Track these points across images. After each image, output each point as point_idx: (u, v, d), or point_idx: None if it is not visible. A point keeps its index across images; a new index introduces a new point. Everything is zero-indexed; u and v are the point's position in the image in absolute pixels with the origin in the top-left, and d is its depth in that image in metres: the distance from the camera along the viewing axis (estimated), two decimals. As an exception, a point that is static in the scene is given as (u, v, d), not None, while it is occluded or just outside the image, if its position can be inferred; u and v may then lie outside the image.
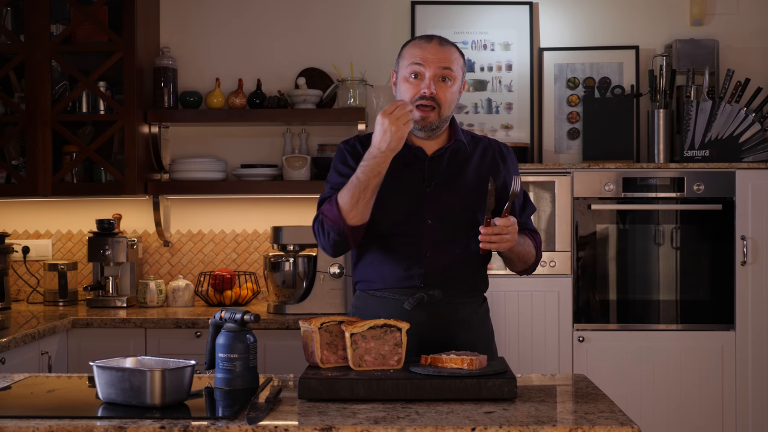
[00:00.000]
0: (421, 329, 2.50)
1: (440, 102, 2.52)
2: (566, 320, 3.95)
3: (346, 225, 2.48)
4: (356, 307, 2.66)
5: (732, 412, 3.92)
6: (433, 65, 2.51)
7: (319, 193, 4.21)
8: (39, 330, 3.49)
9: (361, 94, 4.31)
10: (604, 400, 2.14)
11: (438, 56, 2.51)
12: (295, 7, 4.50)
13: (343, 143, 2.68)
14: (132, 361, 2.17)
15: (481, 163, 2.62)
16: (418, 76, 2.52)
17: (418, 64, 2.52)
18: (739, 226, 3.94)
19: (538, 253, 2.68)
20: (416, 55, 2.53)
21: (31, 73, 4.11)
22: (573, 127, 4.39)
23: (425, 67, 2.51)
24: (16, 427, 1.89)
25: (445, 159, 2.59)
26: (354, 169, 2.50)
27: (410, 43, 2.59)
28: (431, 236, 2.55)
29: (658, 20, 4.45)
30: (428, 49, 2.52)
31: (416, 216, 2.55)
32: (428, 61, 2.51)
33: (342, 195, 2.48)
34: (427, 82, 2.51)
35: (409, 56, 2.54)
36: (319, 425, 1.89)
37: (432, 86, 2.50)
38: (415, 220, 2.55)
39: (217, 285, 4.25)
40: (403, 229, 2.55)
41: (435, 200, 2.55)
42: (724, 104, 4.10)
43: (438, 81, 2.51)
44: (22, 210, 4.52)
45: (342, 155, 2.65)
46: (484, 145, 2.67)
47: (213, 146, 4.50)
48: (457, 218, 2.56)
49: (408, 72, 2.53)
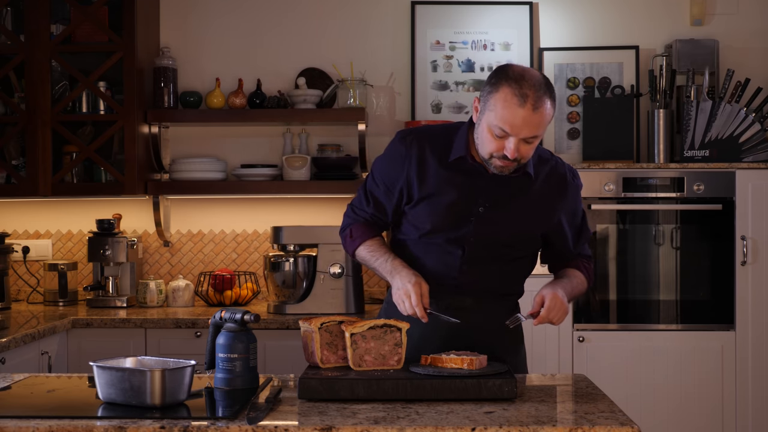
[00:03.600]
0: (449, 332, 2.47)
1: (521, 159, 2.37)
2: (566, 320, 3.94)
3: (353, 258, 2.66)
4: (387, 302, 2.64)
5: (732, 412, 3.92)
6: (522, 133, 2.30)
7: (319, 193, 4.25)
8: (39, 330, 3.49)
9: (361, 94, 4.31)
10: (604, 400, 2.14)
11: (528, 125, 2.29)
12: (295, 7, 4.50)
13: (401, 137, 2.54)
14: (132, 361, 2.16)
15: (541, 193, 2.50)
16: (502, 137, 2.33)
17: (504, 131, 2.31)
18: (739, 226, 3.94)
19: (589, 283, 2.62)
20: (506, 119, 2.29)
21: (31, 73, 4.11)
22: (573, 127, 4.39)
23: (512, 134, 2.31)
24: (16, 427, 1.89)
25: (505, 181, 2.46)
26: (404, 172, 2.49)
27: (502, 89, 2.30)
28: (471, 254, 2.50)
29: (658, 20, 4.45)
30: (520, 115, 2.28)
31: (461, 232, 2.49)
32: (517, 129, 2.30)
33: (361, 252, 2.59)
34: (511, 147, 2.32)
35: (497, 113, 2.31)
36: (319, 425, 1.89)
37: (516, 152, 2.33)
38: (458, 236, 2.49)
39: (217, 285, 4.25)
40: (445, 241, 2.51)
41: (483, 221, 2.48)
42: (724, 104, 4.10)
43: (523, 143, 2.34)
44: (22, 210, 4.52)
45: (398, 157, 2.52)
46: (548, 168, 2.53)
47: (213, 146, 4.50)
48: (501, 241, 2.50)
49: (493, 128, 2.33)
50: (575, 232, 2.61)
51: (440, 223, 2.50)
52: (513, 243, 2.53)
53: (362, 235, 2.59)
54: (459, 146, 2.47)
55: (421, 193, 2.50)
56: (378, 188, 2.57)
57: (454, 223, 2.49)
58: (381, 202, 2.57)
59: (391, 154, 2.55)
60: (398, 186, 2.52)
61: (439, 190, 2.48)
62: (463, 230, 2.49)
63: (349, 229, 2.62)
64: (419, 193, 2.50)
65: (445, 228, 2.50)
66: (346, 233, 2.63)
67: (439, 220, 2.50)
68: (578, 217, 2.61)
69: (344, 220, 2.67)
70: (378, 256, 2.53)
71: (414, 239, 2.55)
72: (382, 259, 2.52)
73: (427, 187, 2.49)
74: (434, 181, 2.48)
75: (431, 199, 2.49)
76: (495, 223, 2.48)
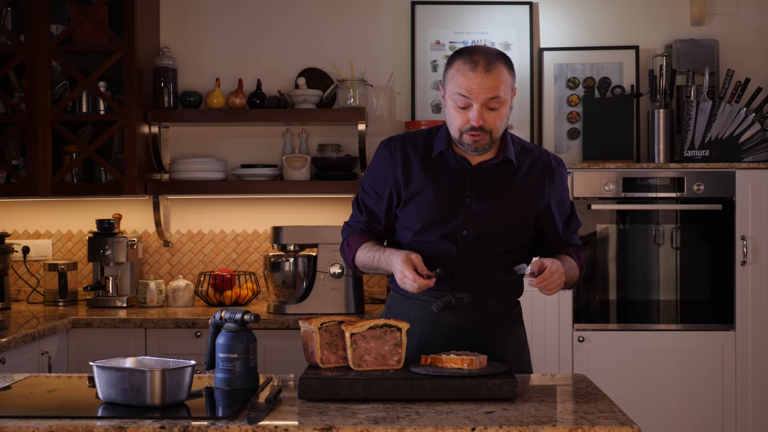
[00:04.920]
0: (449, 330, 2.49)
1: (490, 128, 2.42)
2: (566, 320, 3.95)
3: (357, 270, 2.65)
4: (389, 307, 2.66)
5: (732, 412, 3.92)
6: (480, 96, 2.38)
7: (319, 193, 4.26)
8: (39, 330, 3.49)
9: (361, 94, 4.31)
10: (604, 400, 2.14)
11: (484, 86, 2.38)
12: (295, 7, 4.50)
13: (385, 144, 2.61)
14: (132, 361, 2.16)
15: (526, 179, 2.54)
16: (465, 107, 2.41)
17: (463, 96, 2.40)
18: (739, 226, 3.94)
19: (581, 271, 2.63)
20: (461, 85, 2.39)
21: (31, 73, 4.11)
22: (573, 127, 4.39)
23: (471, 98, 2.39)
24: (16, 427, 1.89)
25: (489, 171, 2.52)
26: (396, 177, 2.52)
27: (455, 62, 2.43)
28: (465, 247, 2.51)
29: (658, 20, 4.45)
30: (473, 78, 2.38)
31: (452, 225, 2.51)
32: (474, 93, 2.38)
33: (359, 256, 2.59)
34: (474, 114, 2.39)
35: (454, 83, 2.41)
36: (319, 425, 1.89)
37: (480, 118, 2.40)
38: (450, 230, 2.51)
39: (217, 285, 4.25)
40: (438, 237, 2.52)
41: (473, 212, 2.50)
42: (724, 104, 4.10)
43: (486, 110, 2.40)
44: (22, 210, 4.52)
45: (384, 161, 2.58)
46: (533, 158, 2.57)
47: (213, 146, 4.50)
48: (493, 232, 2.51)
49: (454, 100, 2.42)
50: (564, 220, 2.63)
51: (429, 219, 2.52)
52: (505, 233, 2.53)
53: (358, 241, 2.60)
54: (440, 142, 2.53)
55: (407, 193, 2.53)
56: (369, 197, 2.61)
57: (444, 217, 2.51)
58: (373, 210, 2.61)
59: (377, 161, 2.61)
60: (387, 189, 2.56)
61: (424, 187, 2.51)
62: (454, 223, 2.50)
63: (346, 240, 2.65)
64: (406, 192, 2.54)
65: (435, 223, 2.51)
66: (344, 244, 2.66)
67: (427, 216, 2.52)
68: (566, 205, 2.63)
69: (342, 236, 2.69)
70: (374, 253, 2.55)
71: (408, 241, 2.57)
72: (378, 254, 2.53)
73: (413, 185, 2.53)
74: (420, 178, 2.53)
75: (418, 196, 2.52)
76: (484, 213, 2.50)
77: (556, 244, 2.63)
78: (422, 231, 2.53)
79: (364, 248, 2.58)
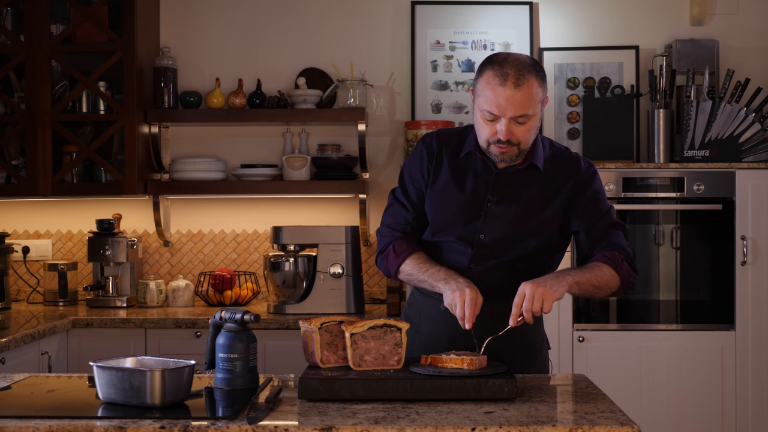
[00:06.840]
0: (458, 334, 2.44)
1: (518, 141, 2.39)
2: (566, 320, 3.95)
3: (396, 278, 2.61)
4: (409, 303, 2.70)
5: (732, 412, 3.92)
6: (508, 113, 2.34)
7: (319, 193, 4.26)
8: (39, 330, 3.49)
9: (361, 94, 4.31)
10: (604, 400, 2.14)
11: (513, 102, 2.33)
12: (295, 7, 4.50)
13: (421, 140, 2.59)
14: (132, 361, 2.16)
15: (551, 184, 2.50)
16: (493, 120, 2.37)
17: (492, 113, 2.36)
18: (739, 226, 3.94)
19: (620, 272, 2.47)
20: (490, 100, 2.34)
21: (31, 73, 4.11)
22: (573, 127, 4.39)
23: (500, 114, 2.35)
24: (16, 427, 1.89)
25: (512, 176, 2.49)
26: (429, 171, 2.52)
27: (485, 72, 2.37)
28: (481, 250, 2.50)
29: (658, 20, 4.45)
30: (502, 94, 2.32)
31: (471, 228, 2.49)
32: (503, 109, 2.34)
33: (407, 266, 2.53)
34: (502, 128, 2.36)
35: (483, 97, 2.37)
36: (319, 425, 1.89)
37: (508, 133, 2.36)
38: (469, 232, 2.50)
39: (217, 285, 4.25)
40: (456, 238, 2.51)
41: (493, 216, 2.49)
42: (724, 104, 4.10)
43: (514, 124, 2.36)
44: (22, 210, 4.52)
45: (419, 155, 2.57)
46: (561, 162, 2.53)
47: (213, 146, 4.50)
48: (511, 236, 2.49)
49: (483, 112, 2.38)
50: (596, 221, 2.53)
51: (449, 220, 2.52)
52: (522, 237, 2.50)
53: (407, 250, 2.55)
54: (469, 143, 2.53)
55: (433, 189, 2.54)
56: (411, 192, 2.58)
57: (464, 219, 2.50)
58: (417, 205, 2.58)
59: (414, 155, 2.61)
60: (424, 183, 2.56)
61: (448, 187, 2.52)
62: (473, 226, 2.50)
63: (392, 246, 2.57)
64: (431, 189, 2.54)
65: (454, 224, 2.51)
66: (388, 251, 2.57)
67: (448, 216, 2.52)
68: (599, 206, 2.54)
69: (380, 242, 2.62)
70: (428, 267, 2.50)
71: (425, 238, 2.57)
72: (434, 269, 2.48)
73: (439, 183, 2.53)
74: (446, 176, 2.53)
75: (441, 195, 2.52)
76: (504, 217, 2.49)
77: (590, 245, 2.55)
78: (441, 231, 2.53)
79: (417, 259, 2.53)
